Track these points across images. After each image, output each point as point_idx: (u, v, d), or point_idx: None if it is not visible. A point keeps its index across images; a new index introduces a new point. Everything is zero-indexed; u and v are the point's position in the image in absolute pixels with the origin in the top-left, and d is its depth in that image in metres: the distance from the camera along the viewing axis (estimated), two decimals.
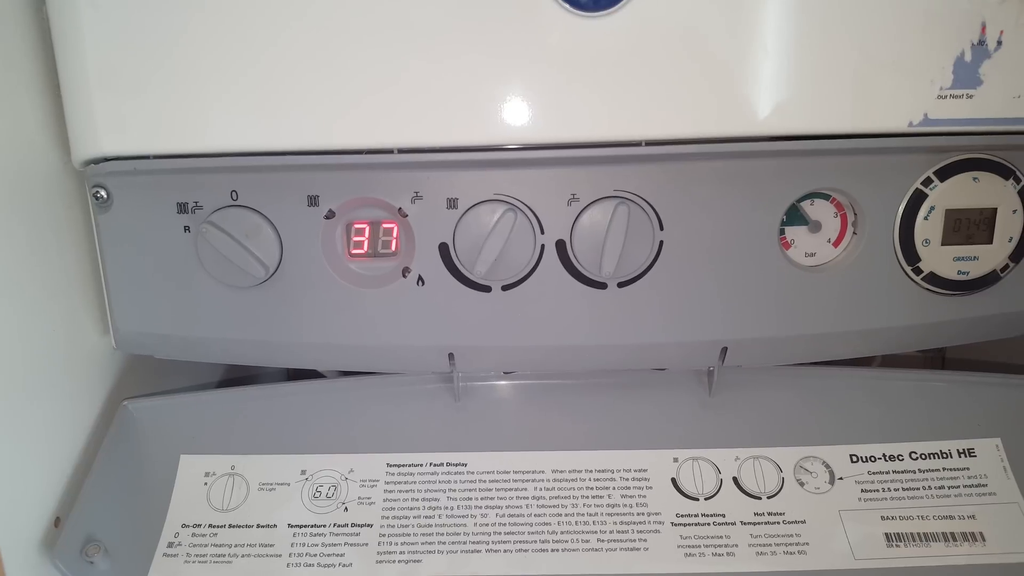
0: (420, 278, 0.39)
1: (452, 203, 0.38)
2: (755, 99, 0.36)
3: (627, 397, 0.44)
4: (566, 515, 0.41)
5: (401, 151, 0.37)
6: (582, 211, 0.38)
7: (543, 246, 0.39)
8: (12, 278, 0.36)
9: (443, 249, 0.39)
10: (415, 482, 0.42)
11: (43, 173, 0.39)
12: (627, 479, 0.42)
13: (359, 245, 0.40)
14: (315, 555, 0.39)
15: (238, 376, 0.59)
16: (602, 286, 0.39)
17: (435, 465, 0.42)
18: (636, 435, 0.43)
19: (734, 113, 0.37)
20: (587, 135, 0.37)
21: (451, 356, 0.41)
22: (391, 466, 0.42)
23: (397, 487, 0.42)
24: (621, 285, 0.39)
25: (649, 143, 0.37)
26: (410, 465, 0.42)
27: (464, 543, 0.40)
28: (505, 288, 0.39)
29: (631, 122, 0.36)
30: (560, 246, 0.39)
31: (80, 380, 0.41)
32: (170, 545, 0.40)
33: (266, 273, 0.39)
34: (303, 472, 0.42)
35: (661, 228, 0.39)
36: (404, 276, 0.40)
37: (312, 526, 0.40)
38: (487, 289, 0.39)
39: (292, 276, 0.40)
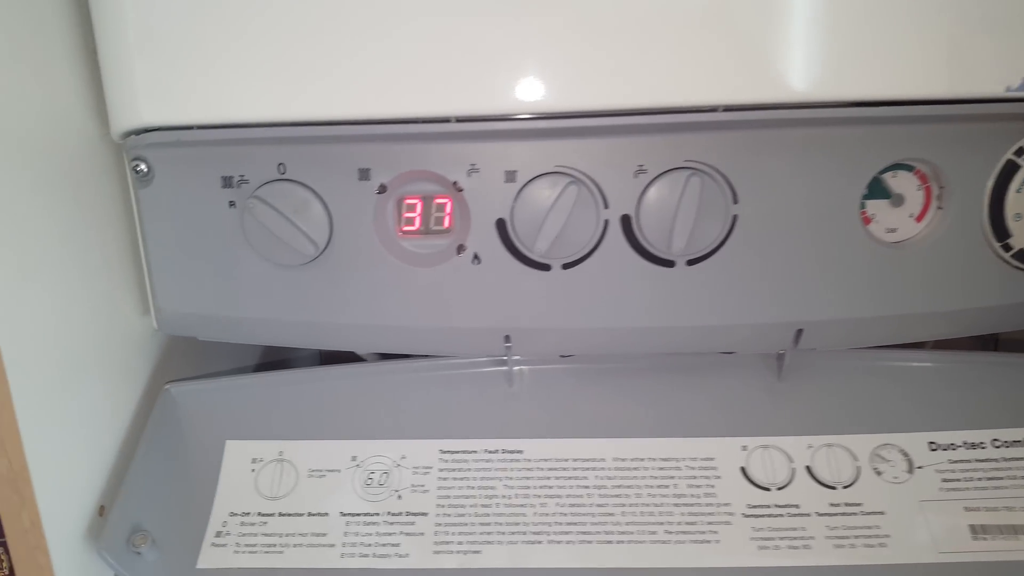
0: (476, 256, 0.37)
1: (510, 176, 0.36)
2: (840, 62, 0.34)
3: (691, 382, 0.42)
4: (630, 505, 0.39)
5: (459, 120, 0.34)
6: (650, 183, 0.36)
7: (607, 221, 0.36)
8: (50, 258, 0.34)
9: (500, 225, 0.37)
10: (469, 469, 0.40)
11: (79, 145, 0.37)
12: (693, 468, 0.40)
13: (410, 221, 0.37)
14: (369, 545, 0.38)
15: (274, 360, 0.57)
16: (670, 264, 0.37)
17: (490, 452, 0.40)
18: (701, 422, 0.41)
19: (818, 77, 0.34)
20: (658, 100, 0.34)
21: (507, 338, 0.39)
22: (444, 452, 0.41)
23: (451, 474, 0.40)
24: (690, 263, 0.37)
25: (727, 109, 0.34)
26: (464, 452, 0.41)
27: (524, 534, 0.38)
28: (566, 266, 0.37)
29: (707, 86, 0.34)
30: (625, 221, 0.36)
31: (121, 363, 0.40)
32: (218, 535, 0.38)
33: (315, 251, 0.37)
34: (354, 458, 0.40)
35: (735, 201, 0.36)
36: (459, 254, 0.37)
37: (365, 515, 0.39)
38: (546, 268, 0.37)
39: (342, 254, 0.38)
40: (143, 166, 0.36)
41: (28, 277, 0.33)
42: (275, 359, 0.57)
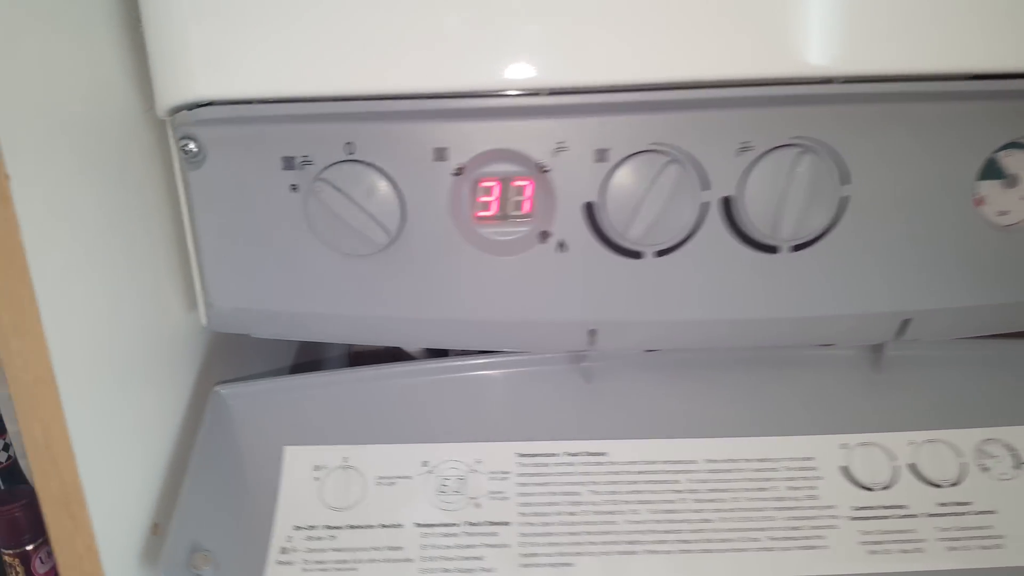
0: (561, 243, 0.34)
1: (601, 155, 0.32)
2: (963, 30, 0.31)
3: (784, 376, 0.39)
4: (728, 511, 0.36)
5: (551, 92, 0.31)
6: (756, 161, 0.32)
7: (706, 204, 0.33)
8: (97, 249, 0.31)
9: (589, 209, 0.33)
10: (550, 474, 0.37)
11: (121, 123, 0.33)
12: (792, 468, 0.37)
13: (486, 206, 0.34)
14: (451, 559, 0.35)
15: (308, 360, 0.54)
16: (773, 250, 0.34)
17: (571, 455, 0.37)
18: (797, 419, 0.38)
19: (940, 46, 0.31)
20: (769, 71, 0.31)
21: (592, 333, 0.36)
22: (522, 456, 0.38)
23: (531, 480, 0.37)
24: (795, 249, 0.34)
25: (846, 80, 0.31)
26: (543, 455, 0.38)
27: (617, 543, 0.35)
28: (659, 254, 0.34)
29: (822, 56, 0.30)
30: (726, 204, 0.33)
31: (168, 365, 0.36)
32: (283, 551, 0.35)
33: (387, 239, 0.34)
34: (425, 463, 0.37)
35: (846, 182, 0.33)
36: (542, 241, 0.34)
37: (442, 525, 0.36)
38: (638, 255, 0.34)
39: (414, 243, 0.34)
40: (193, 145, 0.33)
41: (76, 271, 0.29)
42: (309, 359, 0.54)
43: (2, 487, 0.60)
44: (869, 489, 0.36)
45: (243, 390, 0.38)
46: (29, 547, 0.56)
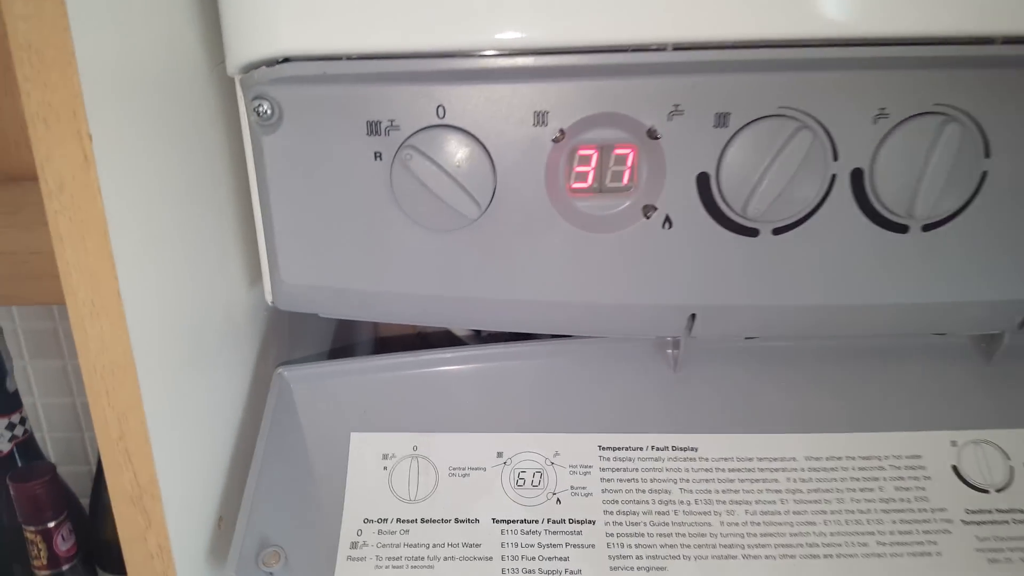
0: (668, 219, 0.31)
1: (722, 119, 0.29)
2: None
3: (889, 367, 0.36)
4: (832, 512, 0.33)
5: (677, 48, 0.28)
6: (892, 130, 0.29)
7: (834, 176, 0.30)
8: (170, 221, 0.28)
9: (703, 181, 0.30)
10: (636, 469, 0.34)
11: (191, 82, 0.30)
12: (898, 467, 0.34)
13: (582, 177, 0.31)
14: (533, 558, 0.32)
15: (342, 345, 0.51)
16: (902, 229, 0.31)
17: (658, 449, 0.35)
18: (903, 413, 0.35)
19: None
20: (914, 28, 0.28)
21: (692, 317, 0.33)
22: (605, 449, 0.35)
23: (616, 475, 0.34)
24: (926, 229, 0.31)
25: (1007, 40, 0.28)
26: (628, 448, 0.35)
27: (714, 547, 0.32)
28: (776, 231, 0.31)
29: (984, 13, 0.27)
30: (857, 177, 0.30)
31: (232, 345, 0.33)
32: (354, 546, 0.32)
33: (477, 212, 0.31)
34: (499, 455, 0.35)
35: (987, 155, 0.30)
36: (646, 216, 0.31)
37: (522, 521, 0.33)
38: (753, 233, 0.31)
39: (505, 217, 0.31)
40: (267, 107, 0.30)
41: (153, 245, 0.26)
42: (344, 344, 0.51)
43: (19, 463, 0.57)
44: (983, 491, 0.33)
45: (307, 372, 0.36)
46: (51, 524, 0.53)
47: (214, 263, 0.31)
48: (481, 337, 0.43)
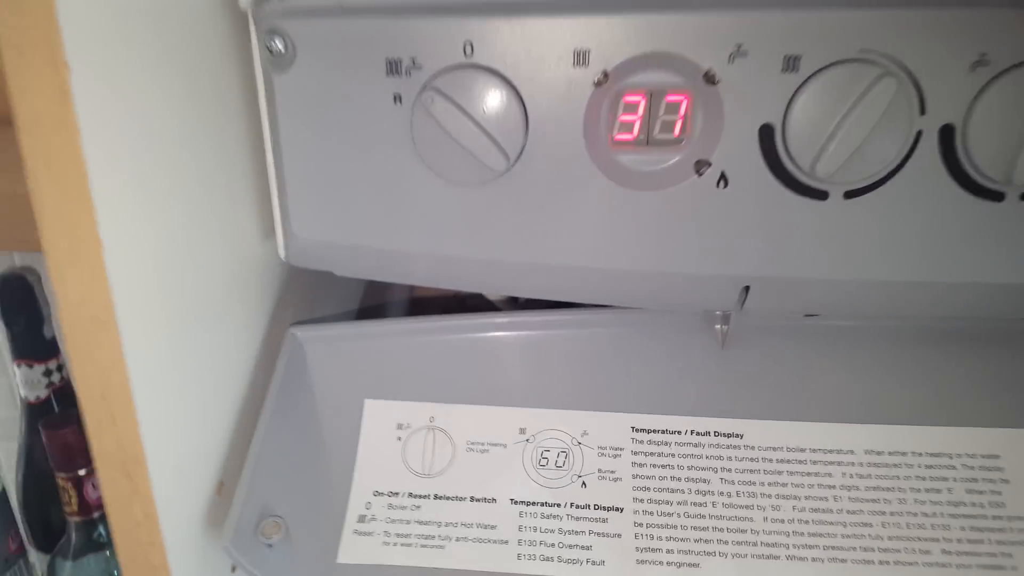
0: (723, 176, 0.27)
1: (791, 63, 0.25)
2: None
3: (965, 352, 0.32)
4: (892, 514, 0.30)
5: None
6: (992, 81, 0.25)
7: (920, 133, 0.26)
8: (162, 164, 0.26)
9: (766, 134, 0.27)
10: (672, 455, 0.31)
11: (196, 13, 0.28)
12: (972, 467, 0.30)
13: (628, 127, 0.28)
14: (552, 545, 0.30)
15: (373, 304, 0.48)
16: (998, 197, 0.27)
17: (699, 434, 0.32)
18: (982, 407, 0.31)
19: None
20: None
21: (746, 290, 0.30)
22: (638, 431, 0.32)
23: (649, 460, 0.31)
24: None
25: None
26: (664, 431, 0.32)
27: (755, 544, 0.29)
28: (849, 195, 0.27)
29: None
30: (947, 134, 0.26)
31: (240, 302, 0.31)
32: (361, 519, 0.30)
33: (505, 164, 0.27)
34: (522, 431, 0.32)
35: None
36: (699, 173, 0.28)
37: (543, 504, 0.30)
38: (822, 196, 0.27)
39: (537, 171, 0.28)
40: (280, 43, 0.27)
41: (142, 190, 0.24)
42: (375, 303, 0.48)
43: (56, 409, 0.57)
44: None
45: (321, 333, 0.33)
46: (82, 472, 0.53)
47: (221, 213, 0.29)
48: (519, 304, 0.40)
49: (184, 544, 0.26)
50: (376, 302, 0.47)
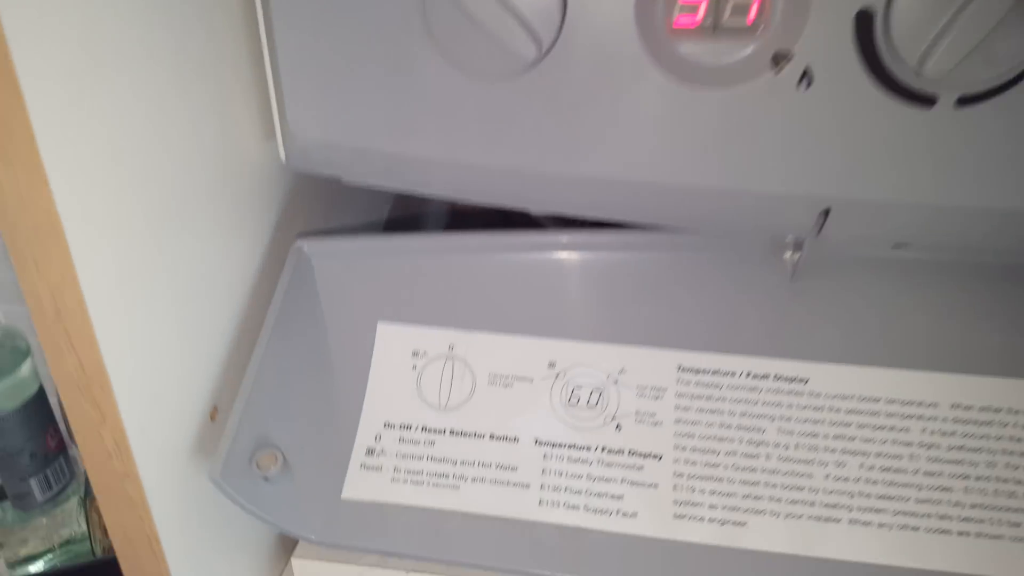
0: (806, 73, 0.22)
1: None
2: None
3: None
4: (977, 478, 0.25)
5: None
6: None
7: None
8: (126, 47, 0.21)
9: (863, 22, 0.21)
10: (723, 399, 0.27)
11: None
12: None
13: (691, 10, 0.22)
14: (579, 492, 0.26)
15: (403, 215, 0.44)
16: None
17: (756, 377, 0.27)
18: None
19: None
20: None
21: (825, 214, 0.25)
22: (685, 370, 0.28)
23: (696, 403, 0.27)
24: None
25: None
26: (716, 372, 0.28)
27: (812, 504, 0.26)
28: (963, 101, 0.22)
29: None
30: None
31: (233, 208, 0.28)
32: (370, 452, 0.28)
33: (538, 53, 0.23)
34: (551, 365, 0.28)
35: None
36: (776, 68, 0.22)
37: (570, 446, 0.27)
38: (929, 101, 0.22)
39: (578, 61, 0.23)
40: None
41: (94, 70, 0.20)
42: (405, 214, 0.44)
43: None
44: None
45: (330, 248, 0.30)
46: None
47: (207, 105, 0.25)
48: (566, 223, 0.36)
49: (166, 475, 0.24)
50: (407, 214, 0.42)
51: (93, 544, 0.40)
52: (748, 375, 0.27)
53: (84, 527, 0.41)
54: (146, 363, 0.23)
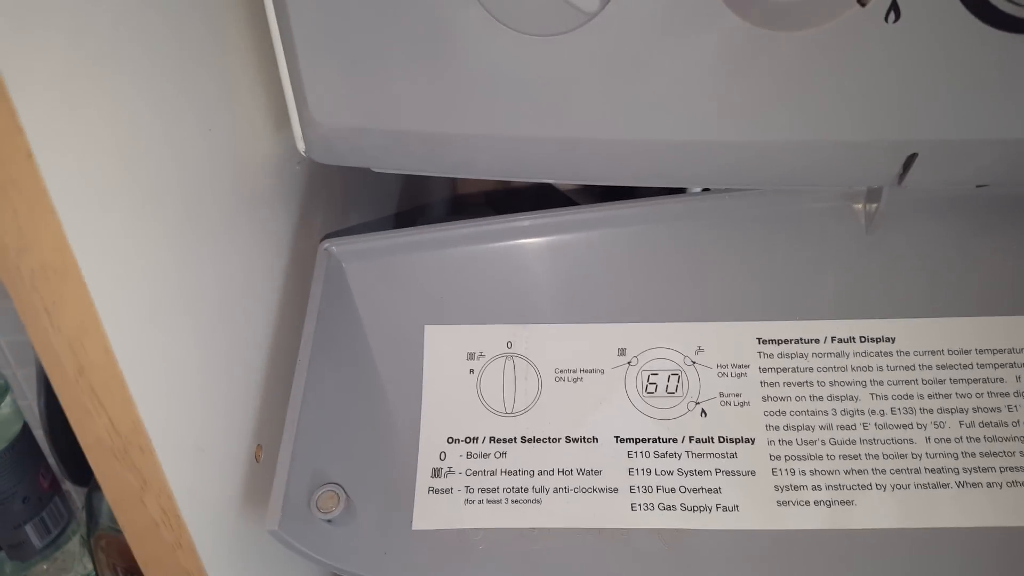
0: (894, 7, 0.20)
1: None
2: None
3: None
4: None
5: None
6: None
7: None
8: (149, 43, 0.18)
9: None
10: (810, 368, 0.25)
11: None
12: None
13: None
14: (672, 490, 0.24)
15: (411, 208, 0.40)
16: None
17: (841, 341, 0.26)
18: None
19: None
20: None
21: (911, 159, 0.23)
22: (765, 342, 0.26)
23: (782, 377, 0.25)
24: None
25: None
26: (798, 340, 0.26)
27: (917, 472, 0.24)
28: None
29: None
30: None
31: (257, 212, 0.24)
32: (436, 474, 0.25)
33: (597, 5, 0.20)
34: (622, 352, 0.26)
35: None
36: (861, 2, 0.20)
37: (656, 440, 0.25)
38: None
39: (643, 8, 0.20)
40: None
41: (115, 66, 0.16)
42: (412, 206, 0.40)
43: None
44: None
45: (361, 247, 0.26)
46: None
47: (215, 97, 0.21)
48: (594, 194, 0.33)
49: (221, 536, 0.21)
50: (413, 204, 0.39)
51: None
52: (832, 340, 0.26)
53: (90, 568, 0.37)
54: (185, 410, 0.19)
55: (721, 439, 0.25)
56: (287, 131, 0.23)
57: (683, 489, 0.24)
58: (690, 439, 0.25)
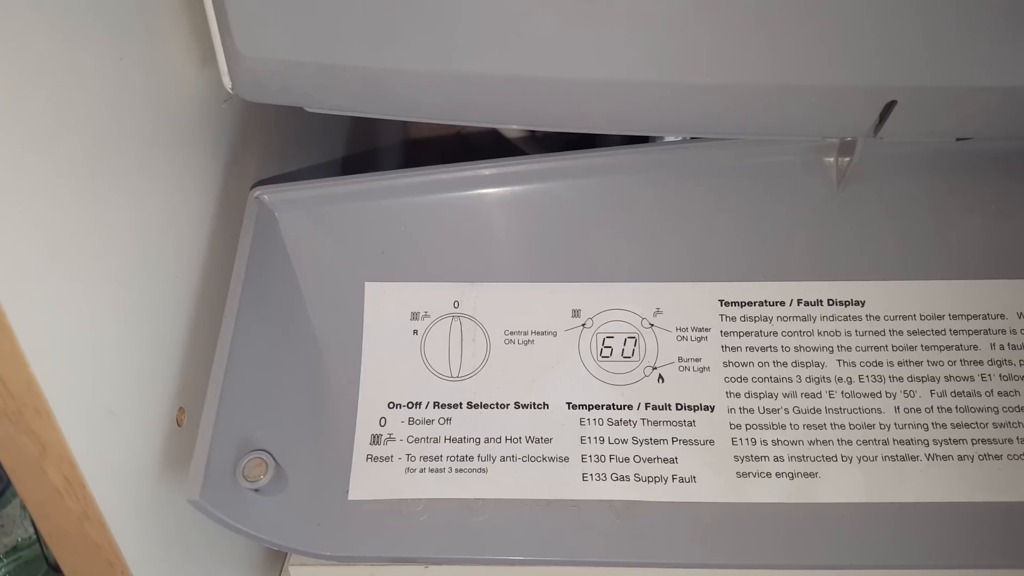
0: None
1: None
2: None
3: None
4: None
5: None
6: None
7: None
8: None
9: None
10: (774, 332, 0.24)
11: None
12: None
13: None
14: (626, 459, 0.23)
15: (360, 152, 0.38)
16: None
17: (807, 304, 0.24)
18: None
19: None
20: None
21: (888, 108, 0.21)
22: (728, 304, 0.24)
23: (744, 341, 0.24)
24: None
25: None
26: (762, 303, 0.24)
27: (885, 443, 0.23)
28: None
29: None
30: None
31: (178, 155, 0.22)
32: (375, 440, 0.23)
33: None
34: (576, 313, 0.24)
35: None
36: None
37: (609, 407, 0.23)
38: None
39: None
40: None
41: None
42: (360, 150, 0.38)
43: None
44: None
45: (296, 195, 0.24)
46: None
47: (128, 23, 0.19)
48: (539, 140, 0.31)
49: (133, 506, 0.19)
50: (361, 147, 0.37)
51: (44, 550, 0.35)
52: (798, 303, 0.24)
53: (32, 532, 0.35)
54: (90, 369, 0.17)
55: (679, 406, 0.23)
56: (213, 67, 0.21)
57: (638, 459, 0.23)
58: (646, 406, 0.23)
